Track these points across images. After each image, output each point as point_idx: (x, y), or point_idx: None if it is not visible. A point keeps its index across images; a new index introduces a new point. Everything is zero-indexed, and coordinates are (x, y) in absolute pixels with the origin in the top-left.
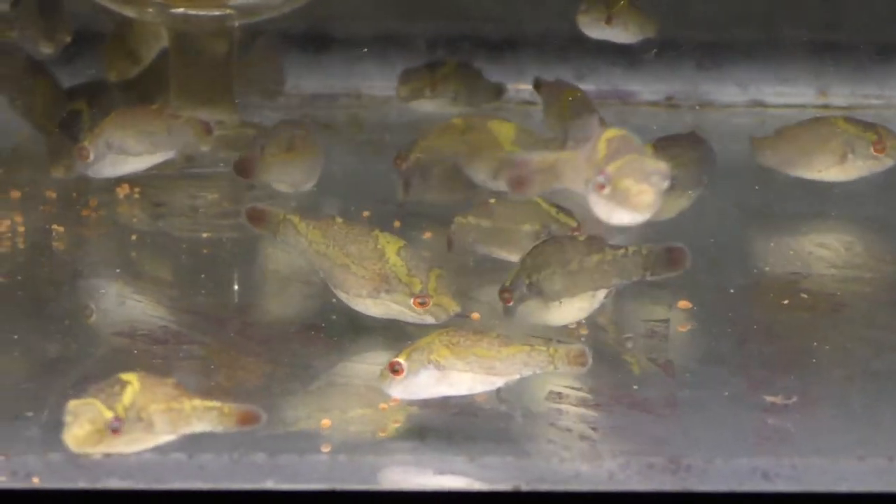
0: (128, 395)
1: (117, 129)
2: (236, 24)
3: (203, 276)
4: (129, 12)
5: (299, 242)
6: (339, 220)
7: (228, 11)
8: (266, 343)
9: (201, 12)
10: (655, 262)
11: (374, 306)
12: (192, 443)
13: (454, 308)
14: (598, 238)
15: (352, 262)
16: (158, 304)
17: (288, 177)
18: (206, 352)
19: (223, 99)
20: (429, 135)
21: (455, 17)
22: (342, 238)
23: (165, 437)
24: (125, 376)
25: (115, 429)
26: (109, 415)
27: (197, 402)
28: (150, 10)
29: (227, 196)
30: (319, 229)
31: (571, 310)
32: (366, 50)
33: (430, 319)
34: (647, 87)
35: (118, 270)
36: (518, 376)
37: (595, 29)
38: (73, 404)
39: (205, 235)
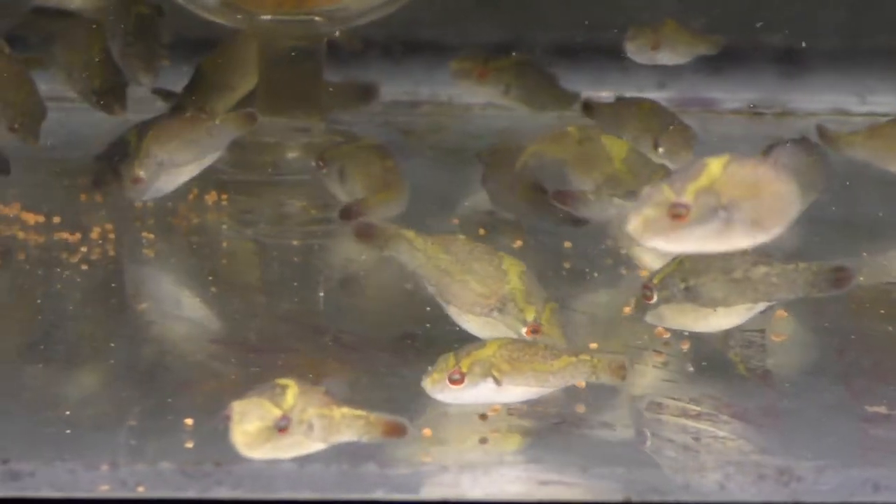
0: (290, 397)
1: (163, 146)
2: (325, 30)
3: (294, 283)
4: (219, 19)
5: (416, 257)
6: (462, 237)
7: (317, 18)
8: (358, 351)
9: (289, 18)
10: (823, 280)
11: (482, 325)
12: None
13: (562, 344)
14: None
15: (473, 279)
16: (251, 312)
17: (390, 212)
18: (302, 360)
19: (311, 106)
20: (541, 140)
21: (536, 23)
22: (465, 255)
23: (318, 445)
24: (282, 381)
25: (282, 427)
26: (278, 413)
27: (346, 410)
28: (239, 16)
29: (315, 203)
30: (440, 245)
31: (722, 319)
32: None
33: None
34: (729, 95)
35: (210, 278)
36: (573, 382)
37: (643, 55)
38: (238, 404)
39: (295, 243)
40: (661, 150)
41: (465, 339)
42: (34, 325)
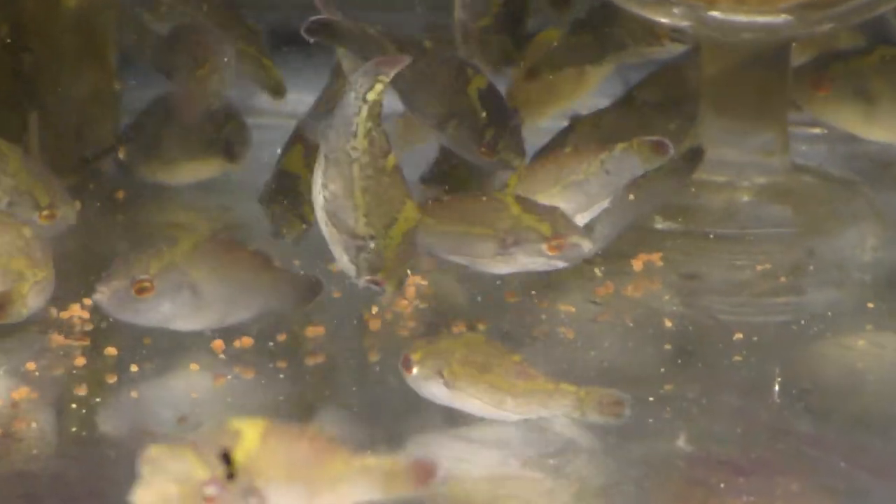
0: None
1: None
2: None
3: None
4: (651, 15)
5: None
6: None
7: (784, 17)
8: None
9: (746, 18)
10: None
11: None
12: None
13: (587, 245)
14: None
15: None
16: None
17: None
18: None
19: (772, 127)
20: None
21: None
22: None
23: None
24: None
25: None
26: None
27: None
28: (676, 10)
29: (783, 266)
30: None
31: None
32: None
33: (560, 264)
34: None
35: (663, 370)
36: (534, 416)
37: None
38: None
39: (756, 319)
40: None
41: None
42: None
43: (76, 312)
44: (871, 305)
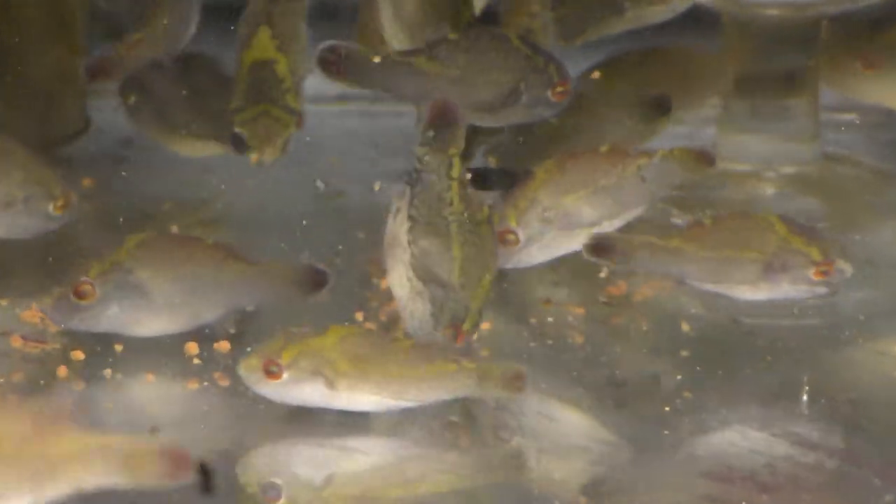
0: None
1: (555, 194)
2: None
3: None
4: None
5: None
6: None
7: None
8: None
9: None
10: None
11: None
12: None
13: (849, 271)
14: None
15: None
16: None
17: None
18: None
19: (798, 109)
20: None
21: None
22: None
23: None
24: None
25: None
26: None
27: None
28: None
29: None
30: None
31: None
32: None
33: (822, 291)
34: None
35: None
36: (437, 399)
37: None
38: None
39: (781, 323)
40: None
41: None
42: None
43: (39, 313)
44: None
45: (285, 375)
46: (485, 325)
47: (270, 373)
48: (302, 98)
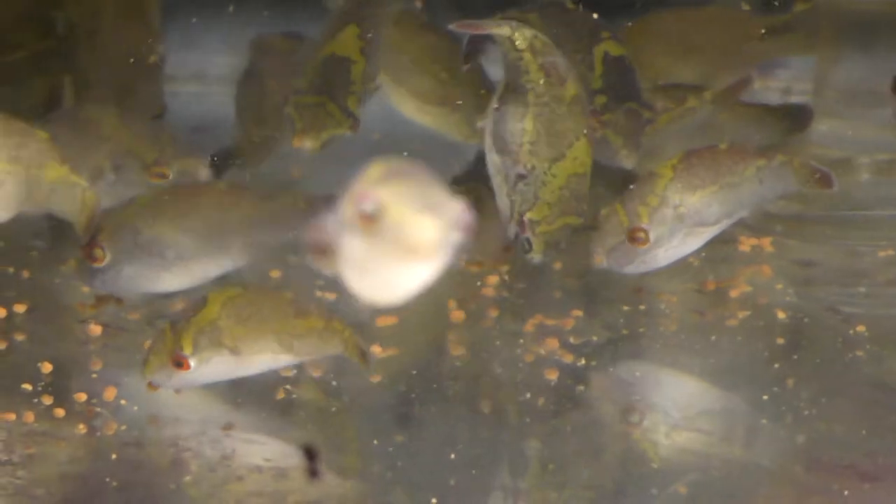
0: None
1: (686, 190)
2: None
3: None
4: None
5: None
6: None
7: None
8: None
9: None
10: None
11: None
12: None
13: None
14: None
15: None
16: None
17: None
18: None
19: None
20: None
21: None
22: None
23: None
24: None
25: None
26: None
27: None
28: None
29: None
30: None
31: None
32: None
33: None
34: None
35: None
36: (319, 357)
37: None
38: None
39: (879, 311)
40: None
41: None
42: None
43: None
44: None
45: (193, 362)
46: (576, 313)
47: (180, 366)
48: (362, 107)
